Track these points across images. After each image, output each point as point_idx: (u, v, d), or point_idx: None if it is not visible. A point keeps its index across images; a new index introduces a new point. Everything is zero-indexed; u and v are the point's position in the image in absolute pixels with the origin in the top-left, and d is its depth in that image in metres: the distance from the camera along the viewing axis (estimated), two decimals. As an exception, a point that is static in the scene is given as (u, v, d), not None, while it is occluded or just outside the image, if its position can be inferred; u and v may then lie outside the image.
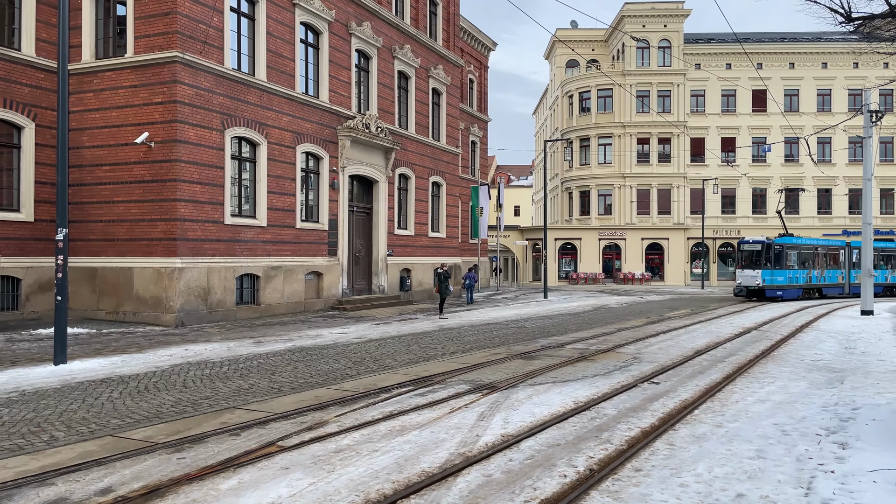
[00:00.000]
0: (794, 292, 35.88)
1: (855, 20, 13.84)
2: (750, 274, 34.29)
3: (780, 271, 34.43)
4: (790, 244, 35.67)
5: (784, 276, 34.72)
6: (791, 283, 35.49)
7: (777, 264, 34.25)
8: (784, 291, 34.82)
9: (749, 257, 34.80)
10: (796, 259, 35.76)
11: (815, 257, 37.37)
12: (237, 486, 5.67)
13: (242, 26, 20.31)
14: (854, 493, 5.60)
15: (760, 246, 34.39)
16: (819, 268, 37.62)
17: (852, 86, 53.14)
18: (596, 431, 7.58)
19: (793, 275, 35.67)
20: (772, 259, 34.04)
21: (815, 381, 10.84)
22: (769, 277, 33.95)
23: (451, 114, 33.87)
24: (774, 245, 34.37)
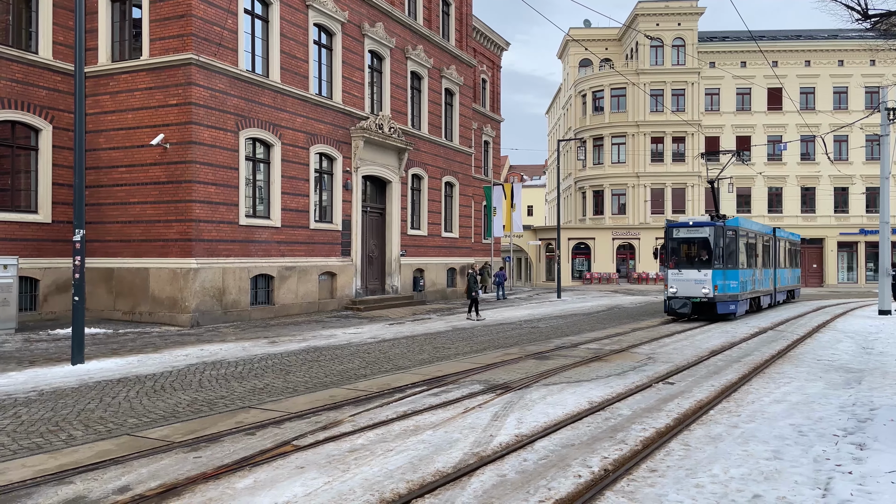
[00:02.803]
0: (744, 305, 23.43)
1: (871, 17, 13.73)
2: (693, 276, 21.24)
3: (734, 272, 21.90)
4: (747, 230, 24.07)
5: (738, 278, 22.19)
6: (745, 291, 23.30)
7: (730, 261, 21.71)
8: (737, 304, 22.17)
9: (688, 250, 21.93)
10: (747, 254, 23.95)
11: (758, 251, 25.89)
12: (253, 485, 5.70)
13: (256, 28, 20.41)
14: (872, 493, 5.55)
15: (708, 231, 21.37)
16: (759, 267, 25.82)
17: (869, 83, 52.61)
18: (610, 432, 7.55)
19: (746, 277, 23.44)
20: (723, 253, 21.24)
21: (832, 381, 10.75)
22: (722, 282, 21.15)
23: (464, 114, 33.86)
24: (728, 229, 21.65)
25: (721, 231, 21.16)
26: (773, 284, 28.40)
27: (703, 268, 21.06)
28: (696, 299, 21.02)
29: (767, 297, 27.53)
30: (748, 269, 23.62)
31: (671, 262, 21.70)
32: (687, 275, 21.24)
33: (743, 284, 22.61)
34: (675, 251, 21.87)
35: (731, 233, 21.65)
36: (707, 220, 21.58)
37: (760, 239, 25.99)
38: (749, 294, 23.65)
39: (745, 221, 24.05)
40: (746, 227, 23.79)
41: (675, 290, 21.33)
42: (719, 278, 21.01)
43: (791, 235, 33.75)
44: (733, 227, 21.93)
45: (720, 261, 21.05)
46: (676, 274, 21.45)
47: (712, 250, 21.09)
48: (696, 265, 21.28)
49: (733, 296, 21.61)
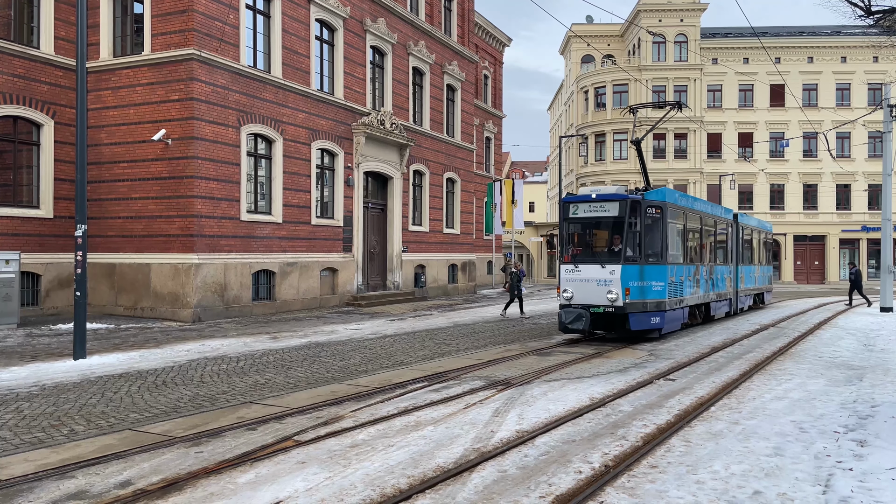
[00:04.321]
0: (678, 316, 16.33)
1: (875, 14, 13.69)
2: (594, 275, 14.66)
3: (658, 269, 15.12)
4: (684, 209, 16.98)
5: (664, 277, 15.33)
6: (680, 295, 16.29)
7: (654, 252, 15.09)
8: (663, 316, 15.27)
9: (590, 236, 15.56)
10: (684, 243, 16.91)
11: (705, 241, 18.79)
12: (254, 480, 5.72)
13: (258, 23, 20.39)
14: (873, 490, 5.55)
15: (618, 208, 14.75)
16: (707, 261, 18.72)
17: (872, 80, 52.48)
18: (611, 428, 7.56)
19: (682, 276, 16.45)
20: (640, 240, 14.71)
21: (833, 378, 10.74)
22: (637, 283, 14.57)
23: (466, 110, 33.82)
24: (650, 206, 15.00)
25: (637, 208, 14.35)
26: (732, 286, 21.25)
27: (608, 262, 14.27)
28: (598, 309, 14.23)
29: (724, 304, 20.55)
30: (686, 264, 16.58)
31: (566, 253, 14.99)
32: (586, 272, 14.49)
33: (675, 287, 15.70)
34: (571, 238, 15.18)
35: (655, 211, 14.84)
36: (616, 192, 14.89)
37: (710, 224, 19.02)
38: (688, 300, 16.74)
39: (681, 196, 16.92)
40: (683, 205, 16.71)
41: (570, 294, 14.57)
42: (633, 277, 14.24)
43: (761, 224, 26.83)
44: (657, 202, 14.89)
45: (637, 251, 14.42)
46: (572, 272, 14.65)
47: (624, 236, 14.22)
48: (601, 258, 14.54)
49: (657, 303, 14.78)
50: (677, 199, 16.57)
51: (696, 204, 18.41)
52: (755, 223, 25.74)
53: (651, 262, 14.83)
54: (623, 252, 14.39)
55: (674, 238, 16.09)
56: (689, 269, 16.98)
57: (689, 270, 16.97)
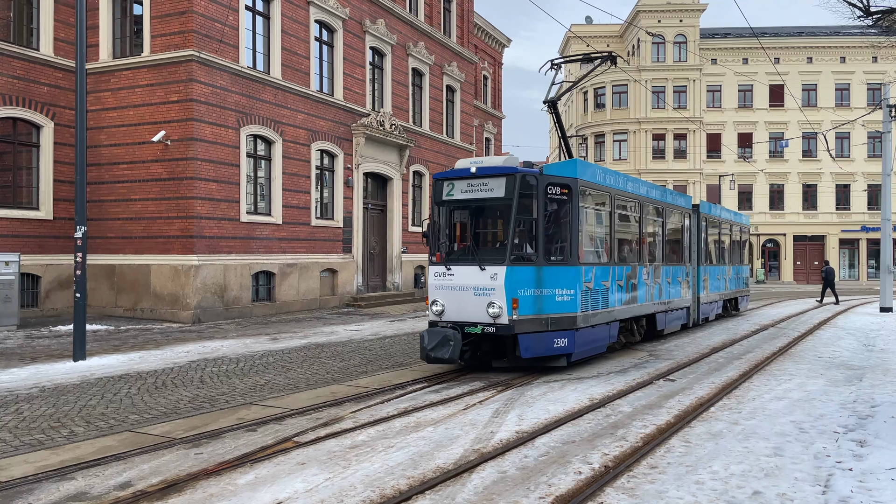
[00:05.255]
0: (601, 336, 12.05)
1: (873, 14, 13.71)
2: (470, 280, 10.50)
3: (563, 271, 10.91)
4: (608, 191, 12.59)
5: (575, 283, 11.04)
6: (604, 307, 12.10)
7: (556, 249, 10.98)
8: (573, 337, 10.95)
9: (469, 226, 11.64)
10: (607, 236, 12.74)
11: (649, 235, 14.93)
12: (254, 481, 5.72)
13: (257, 24, 20.39)
14: (872, 490, 5.55)
15: (505, 186, 10.50)
16: (649, 261, 14.60)
17: (871, 80, 52.52)
18: (611, 428, 7.56)
19: (605, 280, 12.20)
20: (538, 230, 10.59)
21: (833, 378, 10.75)
22: (530, 292, 10.47)
23: (466, 111, 33.84)
24: (553, 183, 10.79)
25: (533, 186, 10.45)
26: (690, 291, 17.34)
27: (490, 262, 10.33)
28: (475, 328, 10.34)
29: (677, 314, 16.36)
30: (613, 264, 12.52)
31: (437, 250, 11.15)
32: (461, 276, 10.54)
33: (594, 295, 11.58)
34: (445, 228, 11.32)
35: (561, 191, 10.81)
36: (504, 164, 10.64)
37: (654, 213, 14.92)
38: (618, 312, 12.60)
39: (605, 173, 12.47)
40: (608, 185, 12.39)
41: (440, 307, 10.64)
42: (526, 283, 10.33)
43: (734, 217, 23.21)
44: (563, 178, 10.85)
45: (532, 247, 10.52)
46: (444, 276, 10.69)
47: (511, 226, 10.28)
48: (481, 257, 10.49)
49: (563, 319, 10.75)
50: (598, 177, 11.96)
51: (633, 185, 13.74)
52: (726, 215, 21.85)
53: (555, 261, 10.67)
54: (509, 248, 10.17)
55: (592, 229, 11.93)
56: (618, 270, 12.61)
57: (618, 273, 12.61)
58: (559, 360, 11.19)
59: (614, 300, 12.49)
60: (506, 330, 10.24)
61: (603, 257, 12.40)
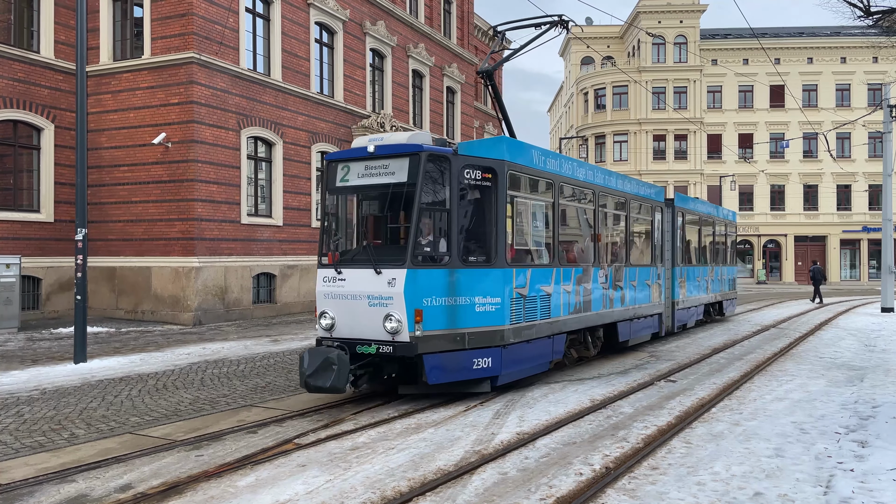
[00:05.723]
0: (539, 353, 10.00)
1: (874, 14, 13.71)
2: (364, 287, 8.40)
3: (487, 274, 8.85)
4: (532, 172, 9.88)
5: (502, 288, 8.97)
6: (537, 320, 9.81)
7: (475, 247, 8.94)
8: (500, 355, 8.93)
9: (367, 219, 9.79)
10: (550, 231, 10.50)
11: (598, 229, 12.18)
12: (254, 483, 5.71)
13: (258, 27, 20.42)
14: (874, 491, 5.54)
15: (408, 167, 8.45)
16: (606, 261, 12.42)
17: (872, 80, 52.51)
18: (612, 430, 7.55)
19: (541, 285, 9.96)
20: (451, 224, 8.55)
21: (834, 378, 10.73)
22: (442, 301, 8.43)
23: (466, 112, 33.86)
24: (469, 165, 8.68)
25: (443, 170, 8.58)
26: (663, 296, 15.33)
27: (387, 263, 8.42)
28: (369, 348, 8.38)
29: (646, 322, 14.32)
30: (557, 265, 10.47)
31: (329, 249, 9.21)
32: (354, 281, 8.61)
33: (529, 304, 9.61)
34: (338, 222, 9.76)
35: (482, 176, 8.88)
36: (409, 141, 8.73)
37: (612, 205, 12.84)
38: (563, 322, 10.61)
39: (544, 155, 10.32)
40: (546, 171, 10.29)
41: (330, 321, 8.71)
42: (434, 289, 8.44)
43: (719, 213, 21.20)
44: (485, 160, 8.93)
45: (444, 244, 8.69)
46: (334, 281, 8.77)
47: (415, 217, 8.38)
48: (377, 258, 8.59)
49: (485, 334, 8.82)
50: (535, 159, 9.92)
51: (585, 172, 11.62)
52: (708, 210, 19.79)
53: (474, 262, 8.78)
54: (410, 246, 8.21)
55: (527, 223, 9.95)
56: (564, 273, 10.64)
57: (564, 276, 10.64)
58: (481, 384, 9.08)
59: (559, 308, 10.44)
60: (406, 350, 8.14)
61: (543, 257, 10.35)
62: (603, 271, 12.11)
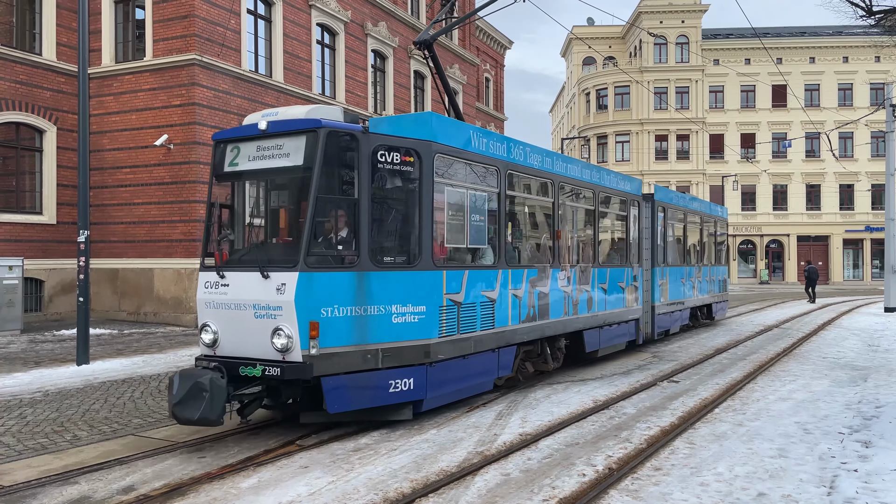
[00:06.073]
0: (480, 368, 8.61)
1: (876, 14, 13.70)
2: (249, 295, 6.91)
3: (410, 278, 7.48)
4: (467, 156, 8.35)
5: (430, 295, 7.60)
6: (478, 330, 8.42)
7: (393, 245, 7.67)
8: (430, 377, 7.60)
9: (255, 209, 8.20)
10: (495, 227, 8.97)
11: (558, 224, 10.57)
12: (257, 485, 5.71)
13: (259, 28, 20.43)
14: (878, 491, 5.52)
15: (305, 147, 6.98)
16: (568, 261, 10.99)
17: (874, 80, 52.44)
18: (615, 430, 7.54)
19: (485, 289, 8.60)
20: (359, 217, 7.10)
21: (837, 379, 10.71)
22: (346, 311, 6.97)
23: (468, 113, 33.84)
24: (382, 146, 7.28)
25: (351, 149, 7.21)
26: (640, 299, 13.89)
27: (276, 265, 7.02)
28: (253, 370, 6.83)
29: (619, 329, 12.89)
30: (503, 266, 9.08)
31: (216, 249, 7.62)
32: (239, 287, 7.10)
33: (469, 312, 8.30)
34: (225, 215, 8.00)
35: (402, 160, 7.51)
36: (307, 117, 7.29)
37: (575, 198, 11.51)
38: (511, 333, 9.24)
39: (486, 136, 8.97)
40: (485, 155, 8.80)
41: (212, 335, 7.21)
42: (335, 296, 6.97)
43: (707, 208, 19.77)
44: (405, 141, 7.53)
45: (354, 241, 7.20)
46: (217, 287, 7.25)
47: (312, 208, 6.91)
48: (262, 258, 7.28)
49: (408, 350, 7.46)
50: (473, 141, 8.49)
51: (540, 159, 10.14)
52: (695, 206, 18.41)
53: (391, 263, 7.48)
54: (304, 243, 6.80)
55: (463, 217, 8.32)
56: (514, 275, 9.25)
57: (514, 278, 9.23)
58: (400, 411, 7.61)
59: (507, 316, 9.04)
60: (298, 372, 6.64)
61: (487, 258, 8.86)
62: (564, 273, 10.70)
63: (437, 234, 7.91)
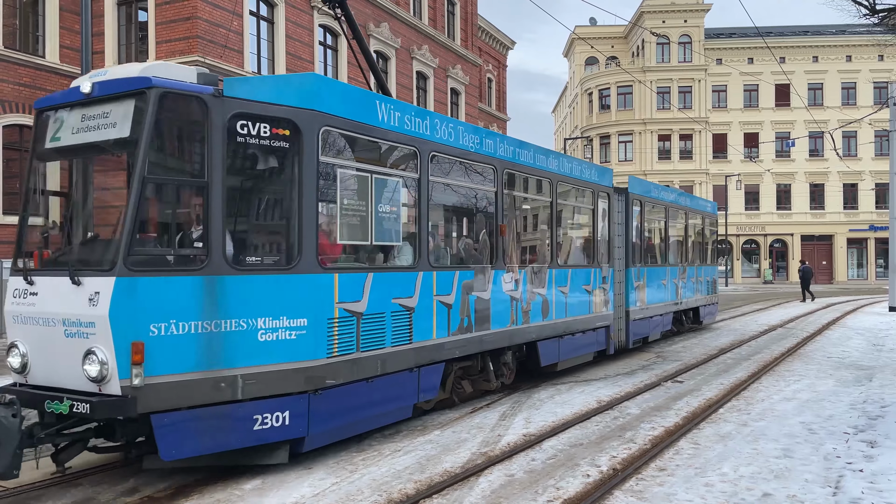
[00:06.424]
0: (392, 394, 7.09)
1: (879, 12, 13.66)
2: (57, 308, 5.42)
3: (284, 283, 5.90)
4: (367, 129, 6.75)
5: (315, 304, 6.06)
6: (388, 347, 6.91)
7: (256, 240, 6.29)
8: (316, 408, 6.10)
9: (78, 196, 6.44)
10: (400, 214, 7.30)
11: (502, 216, 8.94)
12: (261, 486, 5.71)
13: (262, 30, 20.46)
14: (883, 492, 5.50)
15: (132, 112, 5.46)
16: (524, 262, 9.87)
17: (877, 79, 52.32)
18: (619, 431, 7.53)
19: (399, 296, 7.09)
20: (214, 203, 5.54)
21: (842, 378, 10.68)
22: (188, 327, 5.40)
23: (470, 113, 33.84)
24: (243, 115, 5.71)
25: (197, 116, 5.68)
26: (611, 304, 12.21)
27: (91, 267, 5.52)
28: (60, 406, 5.17)
29: (588, 339, 11.51)
30: (426, 266, 7.55)
31: (38, 245, 6.27)
32: (48, 297, 5.59)
33: (373, 325, 6.76)
34: (44, 203, 7.08)
35: (271, 131, 5.90)
36: (140, 75, 5.60)
37: (543, 189, 10.29)
38: (441, 347, 7.75)
39: (388, 103, 7.12)
40: (397, 131, 7.16)
41: (20, 358, 5.67)
42: (173, 309, 5.41)
43: (696, 203, 18.34)
44: (277, 109, 5.93)
45: (204, 236, 5.71)
46: (25, 297, 5.73)
47: (134, 194, 5.36)
48: (78, 259, 5.82)
49: (282, 376, 5.88)
50: (377, 114, 6.91)
51: (472, 138, 8.42)
52: (681, 201, 16.76)
53: (258, 265, 6.07)
54: (125, 239, 5.38)
55: (362, 208, 6.76)
56: (441, 278, 7.75)
57: (441, 282, 7.73)
58: (273, 453, 6.04)
59: (430, 328, 7.49)
60: (115, 409, 5.17)
61: (402, 257, 7.35)
62: (511, 275, 9.13)
63: (327, 228, 6.35)
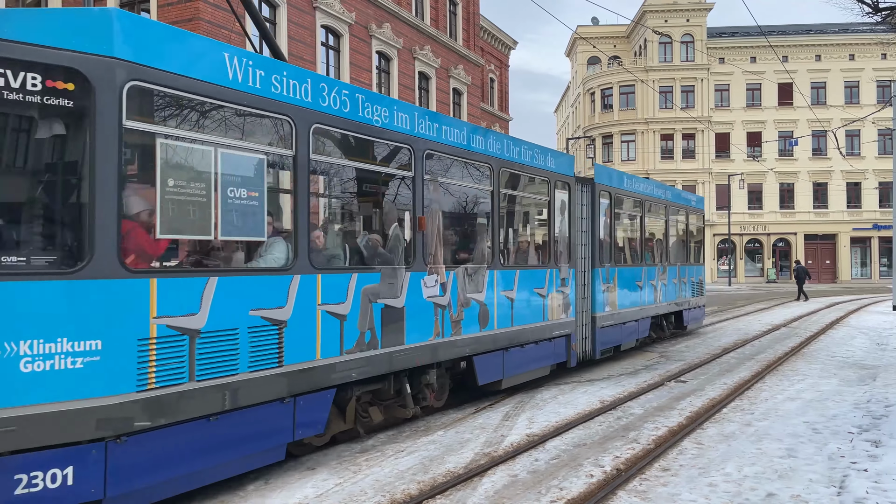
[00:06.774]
0: (256, 432, 5.48)
1: (882, 11, 13.64)
2: None
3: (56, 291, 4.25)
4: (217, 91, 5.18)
5: (115, 325, 4.44)
6: (233, 376, 5.17)
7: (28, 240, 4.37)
8: (137, 456, 4.58)
9: None
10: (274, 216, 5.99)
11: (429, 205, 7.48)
12: (264, 487, 5.71)
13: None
14: (888, 491, 5.48)
15: None
16: (457, 262, 8.22)
17: (881, 77, 52.19)
18: (622, 431, 7.51)
19: (264, 311, 5.47)
20: None
21: (846, 378, 10.65)
22: None
23: (472, 113, 33.84)
24: None
25: None
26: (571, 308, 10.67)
27: None
28: None
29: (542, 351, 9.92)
30: (309, 269, 5.97)
31: None
32: None
33: (208, 347, 5.05)
34: None
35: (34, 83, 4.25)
36: None
37: (486, 177, 8.64)
38: (335, 366, 6.17)
39: (237, 54, 5.56)
40: (238, 90, 5.36)
41: None
42: None
43: (678, 197, 16.63)
44: (41, 50, 4.26)
45: None
46: None
47: None
48: None
49: (43, 421, 4.19)
50: (222, 69, 5.42)
51: (380, 110, 6.87)
52: (657, 192, 14.86)
53: (18, 267, 4.24)
54: None
55: (202, 191, 5.14)
56: (322, 283, 6.13)
57: (319, 287, 6.10)
58: None
59: (313, 345, 6.00)
60: None
61: (272, 256, 5.84)
62: (435, 277, 7.58)
63: (141, 218, 4.88)
